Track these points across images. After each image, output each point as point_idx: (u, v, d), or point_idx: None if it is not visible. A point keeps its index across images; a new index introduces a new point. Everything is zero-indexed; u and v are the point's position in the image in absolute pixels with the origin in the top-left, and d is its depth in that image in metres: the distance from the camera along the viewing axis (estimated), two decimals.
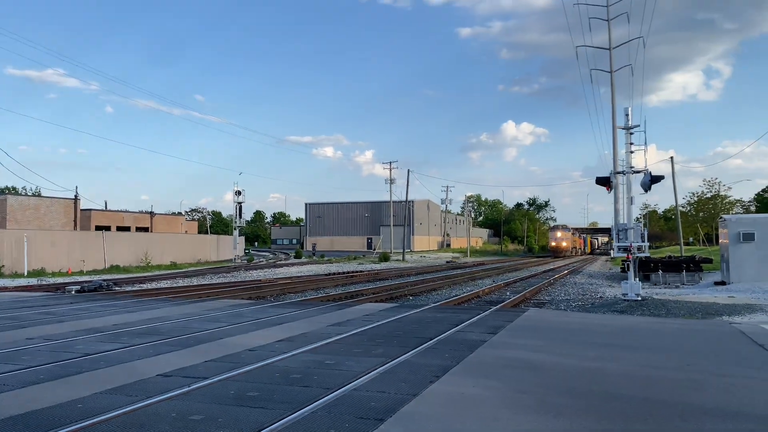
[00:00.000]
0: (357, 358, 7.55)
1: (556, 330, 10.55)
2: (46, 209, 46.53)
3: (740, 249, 21.87)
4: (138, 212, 62.98)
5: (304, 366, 7.09)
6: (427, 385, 6.06)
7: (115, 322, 11.44)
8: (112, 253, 41.04)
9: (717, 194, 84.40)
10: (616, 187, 18.85)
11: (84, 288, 21.60)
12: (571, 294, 21.19)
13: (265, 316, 12.26)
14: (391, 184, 76.19)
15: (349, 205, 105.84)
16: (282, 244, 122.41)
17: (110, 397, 5.67)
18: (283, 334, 9.70)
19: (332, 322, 11.38)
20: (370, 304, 15.61)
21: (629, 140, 17.77)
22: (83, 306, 14.90)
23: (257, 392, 5.81)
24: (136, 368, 7.00)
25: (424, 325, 10.80)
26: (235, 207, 53.90)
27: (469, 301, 18.71)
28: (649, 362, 7.51)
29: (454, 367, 6.98)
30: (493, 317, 12.09)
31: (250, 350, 8.23)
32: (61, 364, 7.27)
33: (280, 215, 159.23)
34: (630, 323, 11.90)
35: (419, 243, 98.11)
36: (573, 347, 8.59)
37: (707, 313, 14.14)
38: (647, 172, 17.42)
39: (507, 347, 8.48)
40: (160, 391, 5.85)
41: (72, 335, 9.76)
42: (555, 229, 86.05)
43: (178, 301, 16.51)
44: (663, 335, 10.17)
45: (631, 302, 16.46)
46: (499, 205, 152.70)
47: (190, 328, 10.58)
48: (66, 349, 8.42)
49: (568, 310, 15.88)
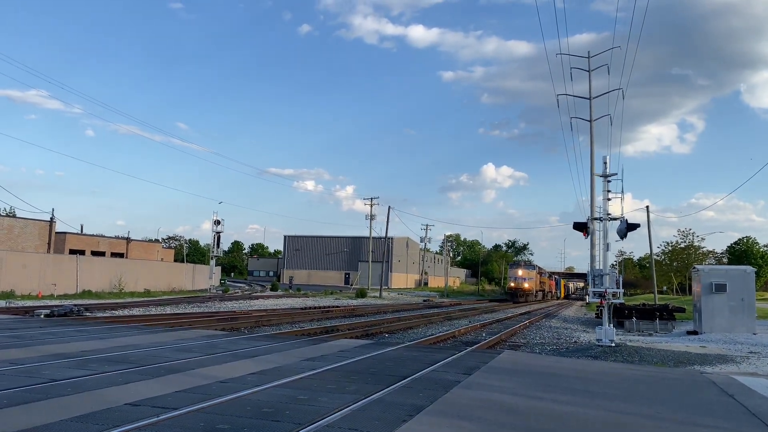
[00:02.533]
0: (330, 394, 7.47)
1: (531, 373, 10.55)
2: (20, 230, 45.73)
3: (713, 299, 22.18)
4: (114, 237, 62.14)
5: (276, 400, 6.99)
6: (401, 424, 6.01)
7: (85, 349, 11.19)
8: (85, 278, 40.30)
9: (691, 245, 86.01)
10: (592, 233, 19.14)
11: (54, 312, 21.13)
12: (546, 337, 21.24)
13: (238, 348, 12.09)
14: (371, 220, 76.57)
15: (329, 239, 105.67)
16: (259, 275, 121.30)
17: (76, 424, 5.53)
18: (256, 367, 9.57)
19: (306, 356, 11.26)
20: (345, 340, 15.48)
21: (607, 188, 18.13)
22: (52, 330, 14.57)
23: (227, 425, 5.71)
24: (105, 396, 6.85)
25: (400, 363, 10.73)
26: (213, 236, 53.50)
27: (445, 340, 18.64)
28: (621, 408, 7.54)
29: (428, 407, 6.94)
30: (469, 358, 12.06)
31: (221, 382, 8.10)
32: (27, 389, 7.08)
33: (258, 246, 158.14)
34: (603, 369, 11.95)
35: (397, 280, 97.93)
36: (547, 391, 8.59)
37: (679, 362, 14.26)
38: (624, 219, 17.74)
39: (481, 388, 8.46)
40: (128, 420, 5.72)
41: (39, 360, 9.52)
42: (515, 266, 69.51)
43: (151, 329, 16.22)
44: (636, 382, 10.22)
45: (605, 348, 16.53)
46: (477, 246, 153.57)
47: (161, 357, 10.38)
48: (32, 374, 8.21)
49: (543, 354, 15.90)
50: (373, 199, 76.28)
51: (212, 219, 52.89)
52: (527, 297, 63.90)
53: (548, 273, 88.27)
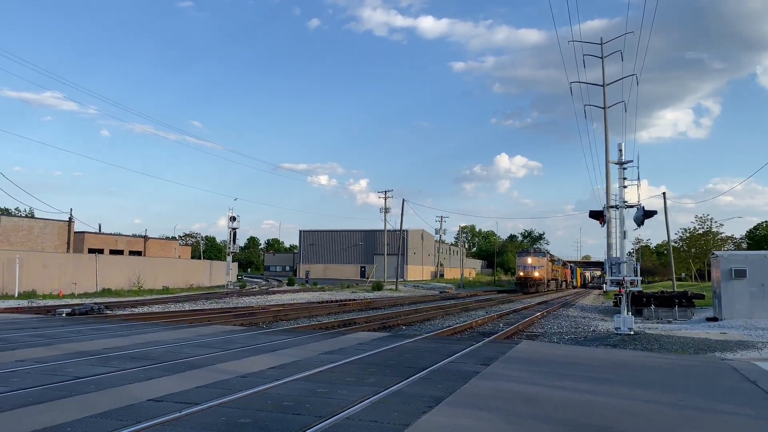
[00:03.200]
0: (349, 387, 7.51)
1: (549, 362, 10.53)
2: (40, 231, 46.34)
3: (732, 285, 21.94)
4: (131, 236, 62.80)
5: (296, 394, 7.05)
6: (420, 416, 6.04)
7: (106, 346, 11.35)
8: (104, 277, 40.79)
9: (709, 230, 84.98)
10: (609, 221, 18.97)
11: (75, 311, 21.43)
12: (564, 327, 21.16)
13: (257, 343, 12.19)
14: (385, 213, 76.49)
15: (344, 233, 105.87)
16: (275, 270, 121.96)
17: (100, 421, 5.62)
18: (276, 362, 9.64)
19: (325, 350, 11.33)
20: (363, 333, 15.54)
21: (622, 175, 17.96)
22: (74, 329, 14.78)
23: (249, 419, 5.77)
24: (128, 392, 6.95)
25: (418, 355, 10.76)
26: (230, 233, 53.89)
27: (462, 332, 18.65)
28: (641, 396, 7.51)
29: (447, 398, 6.96)
30: (487, 348, 12.06)
31: (241, 377, 8.18)
32: (51, 387, 7.20)
33: (273, 242, 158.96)
34: (622, 357, 11.89)
35: (412, 272, 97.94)
36: (566, 380, 8.57)
37: (699, 349, 14.14)
38: (640, 206, 17.58)
39: (500, 378, 8.46)
40: (151, 416, 5.81)
41: (62, 358, 9.68)
42: (524, 254, 63.45)
43: (170, 325, 16.40)
44: (655, 370, 10.17)
45: (623, 336, 16.44)
46: (492, 236, 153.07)
47: (181, 353, 10.50)
48: (56, 372, 8.35)
49: (561, 343, 15.85)
50: (387, 192, 76.26)
51: (228, 215, 53.28)
52: (538, 287, 58.91)
53: (562, 261, 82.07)
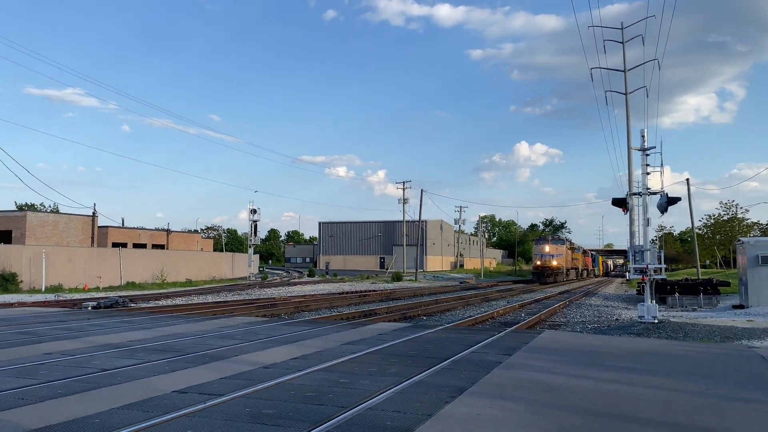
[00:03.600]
0: (371, 377, 7.53)
1: (572, 352, 10.45)
2: (64, 226, 47.08)
3: (759, 272, 21.55)
4: (154, 229, 63.50)
5: (318, 384, 7.08)
6: (443, 406, 6.02)
7: (131, 339, 11.51)
8: (128, 270, 41.37)
9: (734, 217, 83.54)
10: (631, 208, 18.71)
11: (100, 304, 21.77)
12: (587, 316, 20.99)
13: (279, 334, 12.27)
14: (404, 204, 76.43)
15: (363, 225, 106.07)
16: (295, 262, 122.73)
17: (127, 412, 5.70)
18: (298, 352, 9.70)
19: (346, 340, 11.37)
20: (383, 324, 15.57)
21: (645, 161, 17.69)
22: (99, 322, 15.01)
23: (272, 410, 5.81)
24: (153, 384, 7.04)
25: (439, 346, 10.74)
26: (250, 225, 54.21)
27: (483, 322, 18.59)
28: (667, 385, 7.41)
29: (469, 388, 6.94)
30: (509, 338, 12.01)
31: (264, 368, 8.24)
32: (78, 379, 7.32)
33: (294, 234, 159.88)
34: (647, 346, 11.75)
35: (432, 263, 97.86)
36: (589, 369, 8.50)
37: (726, 337, 13.93)
38: (663, 193, 17.31)
39: (523, 368, 8.41)
40: (176, 407, 5.88)
41: (89, 351, 9.84)
42: (541, 241, 59.20)
43: (194, 318, 16.58)
44: (681, 358, 10.03)
45: (647, 325, 16.25)
46: (513, 226, 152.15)
47: (205, 344, 10.61)
48: (83, 364, 8.49)
49: (584, 332, 15.73)
50: (405, 183, 76.16)
51: (248, 208, 53.56)
52: (556, 276, 55.05)
53: (582, 249, 77.81)
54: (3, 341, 11.06)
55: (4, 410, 5.76)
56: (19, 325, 14.19)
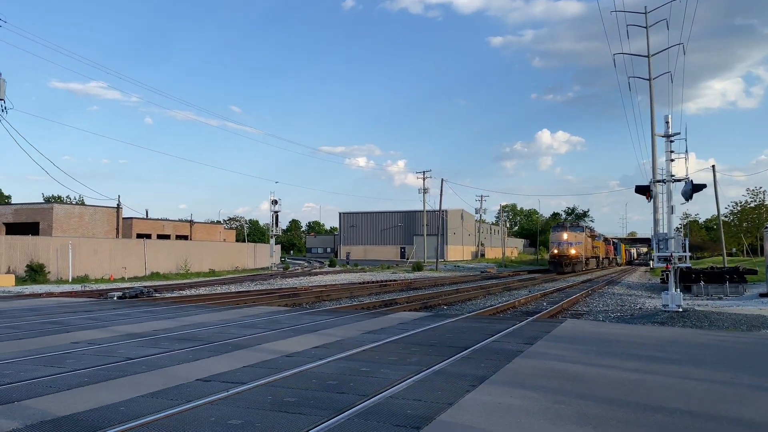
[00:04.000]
0: (392, 366, 7.55)
1: (595, 341, 10.37)
2: (90, 217, 47.82)
3: None
4: (178, 221, 64.20)
5: (339, 373, 7.13)
6: (464, 394, 6.02)
7: (156, 328, 11.68)
8: (152, 261, 41.96)
9: (761, 204, 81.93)
10: (655, 196, 18.45)
11: (125, 294, 22.11)
12: (610, 305, 20.80)
13: (301, 323, 12.36)
14: (424, 194, 76.20)
15: (383, 215, 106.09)
16: (316, 252, 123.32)
17: (152, 400, 5.79)
18: (319, 341, 9.76)
19: (367, 329, 11.41)
20: (404, 313, 15.59)
21: (669, 148, 17.40)
22: (125, 312, 15.26)
23: (294, 398, 5.86)
24: (176, 373, 7.14)
25: (460, 335, 10.73)
26: (272, 216, 54.63)
27: (504, 311, 18.52)
28: (691, 375, 7.32)
29: (490, 377, 6.93)
30: (530, 327, 11.95)
31: (287, 356, 8.31)
32: (104, 368, 7.46)
33: (314, 224, 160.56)
34: (671, 335, 11.62)
35: (453, 253, 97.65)
36: (612, 358, 8.43)
37: (753, 326, 13.70)
38: (688, 180, 17.02)
39: (545, 357, 8.37)
40: (199, 395, 5.96)
41: (114, 340, 10.01)
42: (559, 228, 55.35)
43: (217, 307, 16.77)
44: (706, 347, 9.90)
45: (671, 313, 16.05)
46: (534, 215, 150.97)
47: (228, 333, 10.73)
48: (109, 353, 8.64)
49: (607, 321, 15.59)
50: (425, 173, 75.89)
51: (270, 199, 53.99)
52: (574, 266, 51.48)
53: (603, 236, 74.96)
54: (33, 330, 11.31)
55: (34, 397, 5.89)
56: (47, 314, 14.49)
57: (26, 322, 12.90)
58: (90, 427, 4.90)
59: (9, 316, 14.01)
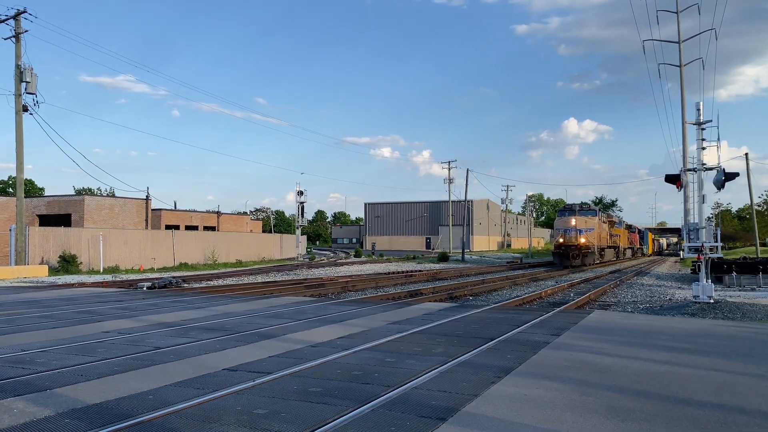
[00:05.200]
0: (417, 357, 7.54)
1: (623, 332, 10.22)
2: (120, 209, 48.69)
3: None
4: (205, 212, 65.04)
5: (364, 363, 7.14)
6: (489, 386, 5.99)
7: (184, 318, 11.85)
8: (180, 252, 42.59)
9: None
10: (686, 185, 18.08)
11: (155, 285, 22.49)
12: (638, 296, 20.50)
13: (326, 314, 12.43)
14: (449, 184, 75.87)
15: (408, 205, 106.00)
16: (342, 243, 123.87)
17: (179, 389, 5.88)
18: (345, 331, 9.80)
19: (392, 320, 11.42)
20: (429, 303, 15.57)
21: (701, 136, 17.03)
22: (154, 302, 15.52)
23: (319, 388, 5.90)
24: (204, 362, 7.24)
25: (485, 325, 10.68)
26: (298, 207, 54.99)
27: (531, 302, 18.38)
28: (723, 367, 7.17)
29: (516, 368, 6.88)
30: (557, 318, 11.83)
31: (312, 346, 8.36)
32: (134, 357, 7.59)
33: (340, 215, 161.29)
34: (702, 327, 11.40)
35: (478, 243, 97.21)
36: (640, 350, 8.30)
37: None
38: (720, 169, 16.64)
39: (571, 349, 8.28)
40: (226, 384, 6.03)
41: (144, 329, 10.18)
42: (565, 213, 46.32)
43: (244, 297, 16.95)
44: (738, 339, 9.69)
45: (702, 305, 15.76)
46: (561, 204, 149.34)
47: (254, 324, 10.84)
48: (138, 342, 8.79)
49: (635, 313, 15.37)
50: (450, 163, 75.50)
51: (295, 190, 54.35)
52: (585, 257, 42.77)
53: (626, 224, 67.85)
54: (66, 320, 11.57)
55: (66, 386, 6.02)
56: (79, 304, 14.81)
57: (59, 311, 13.20)
58: (120, 414, 4.99)
59: (43, 306, 14.35)
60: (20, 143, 31.35)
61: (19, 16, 31.36)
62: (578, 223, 43.36)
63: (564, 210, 47.12)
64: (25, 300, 16.04)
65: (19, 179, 31.86)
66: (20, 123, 31.28)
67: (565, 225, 43.93)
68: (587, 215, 45.06)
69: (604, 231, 48.81)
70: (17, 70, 31.17)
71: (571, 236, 42.88)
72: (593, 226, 44.58)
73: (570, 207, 46.67)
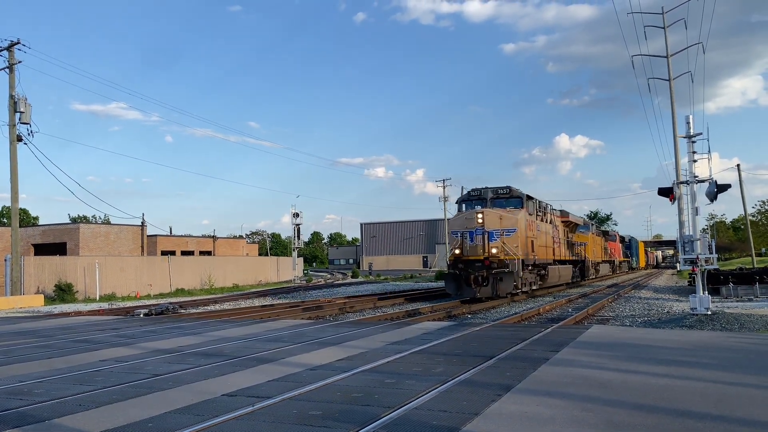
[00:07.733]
0: (417, 377, 7.53)
1: (622, 346, 10.22)
2: (115, 236, 48.56)
3: None
4: (201, 236, 64.85)
5: (364, 385, 7.12)
6: (489, 404, 5.98)
7: (182, 344, 11.79)
8: (177, 277, 42.41)
9: None
10: (679, 197, 18.22)
11: (151, 311, 22.38)
12: (636, 309, 20.50)
13: (325, 336, 12.38)
14: (444, 202, 75.85)
15: (404, 224, 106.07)
16: (339, 264, 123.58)
17: (179, 416, 5.85)
18: (343, 354, 9.77)
19: (391, 340, 11.39)
20: (428, 323, 15.54)
21: (692, 149, 17.18)
22: (151, 328, 15.43)
23: (319, 411, 5.88)
24: (203, 388, 7.20)
25: (484, 343, 10.66)
26: (294, 229, 54.80)
27: (529, 318, 18.36)
28: (722, 379, 7.18)
29: (516, 386, 6.87)
30: (556, 334, 11.83)
31: (311, 369, 8.33)
32: (133, 385, 7.55)
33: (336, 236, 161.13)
34: (700, 339, 11.41)
35: None
36: (640, 364, 8.30)
37: None
38: (712, 181, 16.78)
39: (571, 364, 8.27)
40: (226, 410, 6.00)
41: (141, 357, 10.13)
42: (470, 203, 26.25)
43: (241, 322, 16.88)
44: (737, 351, 9.70)
45: (700, 317, 15.78)
46: None
47: (252, 348, 10.79)
48: (136, 370, 8.74)
49: (634, 326, 15.37)
50: (445, 181, 75.61)
51: (291, 212, 54.13)
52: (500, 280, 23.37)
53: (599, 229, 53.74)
54: (62, 349, 11.50)
55: (65, 415, 5.98)
56: (76, 332, 14.72)
57: (56, 340, 13.12)
58: None
59: (40, 335, 14.26)
60: (15, 173, 31.36)
61: (12, 47, 31.58)
62: (491, 222, 24.39)
63: (468, 199, 26.89)
64: (22, 330, 15.94)
65: (14, 209, 31.81)
66: (14, 153, 31.32)
67: (465, 225, 24.96)
68: (505, 206, 25.87)
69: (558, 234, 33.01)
70: (11, 100, 31.31)
71: (475, 244, 24.20)
72: (514, 224, 24.71)
73: (477, 193, 26.60)
